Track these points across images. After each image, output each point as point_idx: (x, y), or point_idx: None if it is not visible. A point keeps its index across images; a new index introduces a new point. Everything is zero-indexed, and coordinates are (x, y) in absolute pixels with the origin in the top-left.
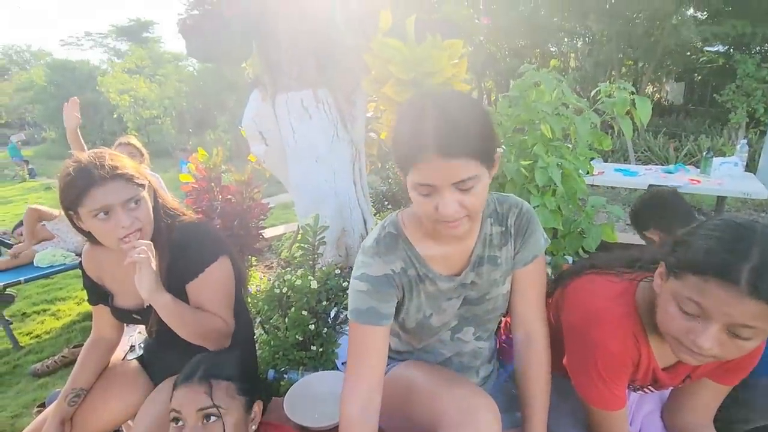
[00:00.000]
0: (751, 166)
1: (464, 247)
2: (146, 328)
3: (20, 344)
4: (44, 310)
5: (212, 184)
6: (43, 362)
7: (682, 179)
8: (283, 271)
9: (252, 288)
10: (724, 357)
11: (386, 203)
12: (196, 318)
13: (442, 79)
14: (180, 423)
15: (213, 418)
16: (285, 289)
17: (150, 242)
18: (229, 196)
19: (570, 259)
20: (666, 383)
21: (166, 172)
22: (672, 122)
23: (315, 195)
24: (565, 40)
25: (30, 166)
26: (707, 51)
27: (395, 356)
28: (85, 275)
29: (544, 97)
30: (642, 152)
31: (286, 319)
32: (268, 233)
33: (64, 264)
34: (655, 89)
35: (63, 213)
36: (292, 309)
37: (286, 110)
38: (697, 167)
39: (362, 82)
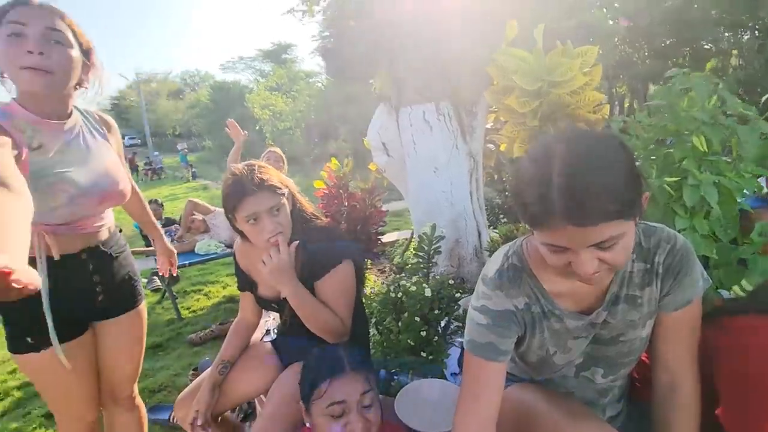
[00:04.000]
0: None
1: (598, 284)
2: (280, 316)
3: (182, 316)
4: (199, 290)
5: (341, 191)
6: (197, 333)
7: None
8: (398, 276)
9: (366, 290)
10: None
11: (501, 216)
12: (318, 312)
13: (572, 89)
14: (342, 417)
15: (370, 409)
16: (400, 294)
17: (286, 247)
18: (354, 203)
19: (725, 293)
20: None
21: (294, 177)
22: None
23: (431, 205)
24: (726, 34)
25: (193, 169)
26: None
27: (511, 378)
28: (236, 265)
29: (694, 105)
30: None
31: (399, 323)
32: (385, 239)
33: (217, 253)
34: None
35: (216, 210)
36: (406, 314)
37: (409, 123)
38: None
39: (485, 94)
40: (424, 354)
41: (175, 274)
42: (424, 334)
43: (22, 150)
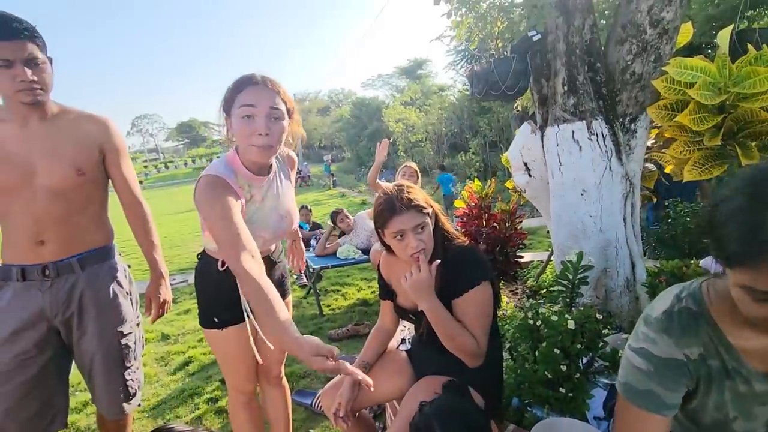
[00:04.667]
0: None
1: None
2: (416, 328)
3: (323, 313)
4: (337, 290)
5: (482, 211)
6: (336, 330)
7: None
8: (536, 302)
9: (499, 312)
10: None
11: (660, 247)
12: (454, 330)
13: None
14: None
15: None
16: (539, 323)
17: (426, 264)
18: (494, 224)
19: None
20: None
21: (423, 188)
22: None
23: (576, 229)
24: None
25: (334, 178)
26: None
27: None
28: (379, 275)
29: None
30: None
31: (537, 353)
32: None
33: (354, 258)
34: None
35: (357, 216)
36: (544, 344)
37: (555, 142)
38: None
39: (648, 110)
40: (563, 390)
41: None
42: (564, 368)
43: (243, 205)
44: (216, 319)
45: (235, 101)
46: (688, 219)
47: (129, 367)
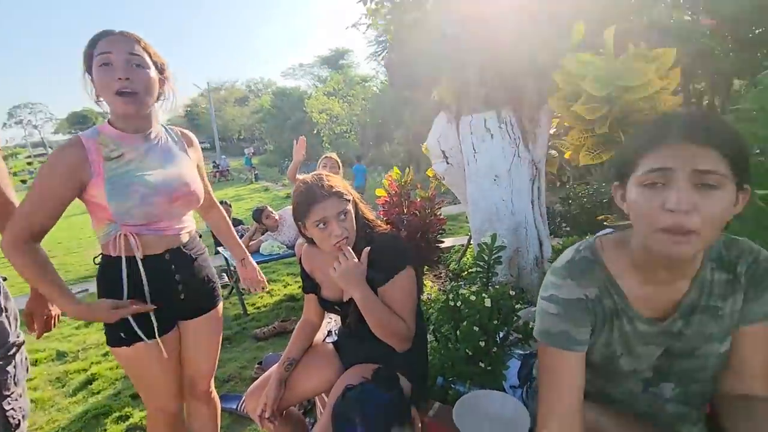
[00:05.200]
0: None
1: (674, 290)
2: (342, 319)
3: (247, 312)
4: (262, 288)
5: (402, 199)
6: (262, 329)
7: None
8: (457, 284)
9: (423, 296)
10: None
11: (564, 225)
12: (385, 315)
13: (646, 94)
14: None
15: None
16: (459, 303)
17: (351, 251)
18: (415, 211)
19: None
20: None
21: (347, 180)
22: None
23: (491, 213)
24: None
25: (256, 171)
26: None
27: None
28: (302, 269)
29: None
30: None
31: (458, 332)
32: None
33: (279, 254)
34: None
35: (283, 211)
36: (464, 323)
37: (470, 131)
38: None
39: (549, 100)
40: (482, 364)
41: (266, 289)
42: (482, 344)
43: (94, 163)
44: (123, 335)
45: (93, 57)
46: (585, 199)
47: (8, 396)
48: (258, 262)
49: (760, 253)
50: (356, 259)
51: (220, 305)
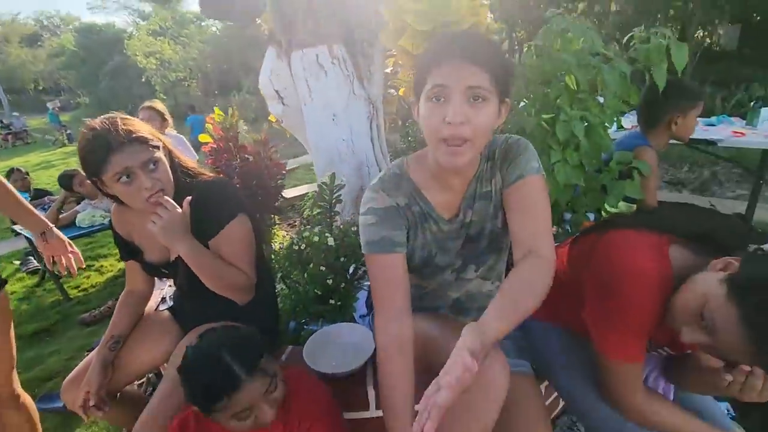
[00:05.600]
0: None
1: (460, 186)
2: (174, 281)
3: (69, 296)
4: (89, 266)
5: (230, 144)
6: (90, 312)
7: (725, 132)
8: (303, 228)
9: (275, 246)
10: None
11: None
12: (219, 267)
13: (462, 29)
14: (250, 413)
15: (273, 389)
16: (303, 246)
17: (173, 202)
18: (247, 156)
19: (592, 216)
20: (686, 345)
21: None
22: (722, 70)
23: (333, 154)
24: None
25: (68, 131)
26: None
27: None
28: (115, 233)
29: (571, 46)
30: None
31: (306, 275)
32: (291, 193)
33: (103, 224)
34: (705, 34)
35: None
36: (311, 265)
37: (302, 67)
38: (744, 119)
39: (380, 36)
40: (332, 301)
41: (82, 267)
42: (330, 282)
43: None
44: None
45: None
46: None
47: None
48: (75, 237)
49: (510, 137)
50: (178, 209)
51: (2, 292)
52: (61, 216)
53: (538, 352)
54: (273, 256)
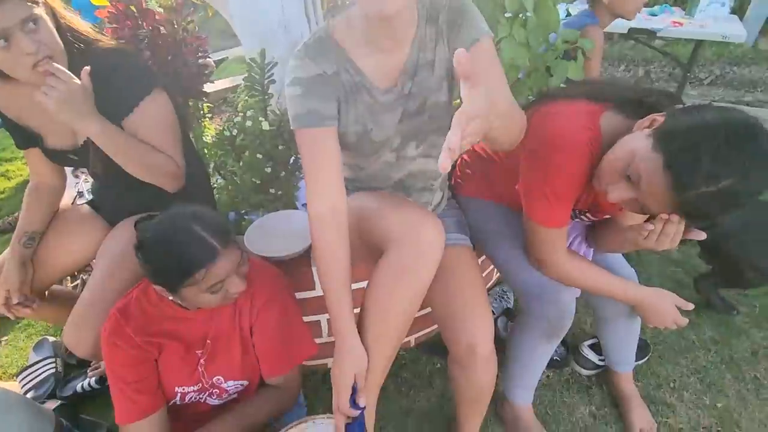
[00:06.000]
0: (739, 14)
1: (400, 54)
2: (89, 170)
3: None
4: None
5: (131, 7)
6: (4, 219)
7: (665, 21)
8: (233, 113)
9: (207, 139)
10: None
11: None
12: (139, 149)
13: None
14: (222, 286)
15: (244, 261)
16: (236, 132)
17: (66, 70)
18: (157, 25)
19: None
20: (605, 208)
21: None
22: None
23: (264, 32)
24: None
25: None
26: None
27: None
28: (3, 116)
29: None
30: None
31: (241, 164)
32: (223, 84)
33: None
34: None
35: None
36: (246, 153)
37: None
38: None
39: None
40: (272, 191)
41: None
42: (269, 170)
43: None
44: None
45: None
46: None
47: None
48: None
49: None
50: (76, 80)
51: None
52: None
53: (476, 227)
54: (205, 150)
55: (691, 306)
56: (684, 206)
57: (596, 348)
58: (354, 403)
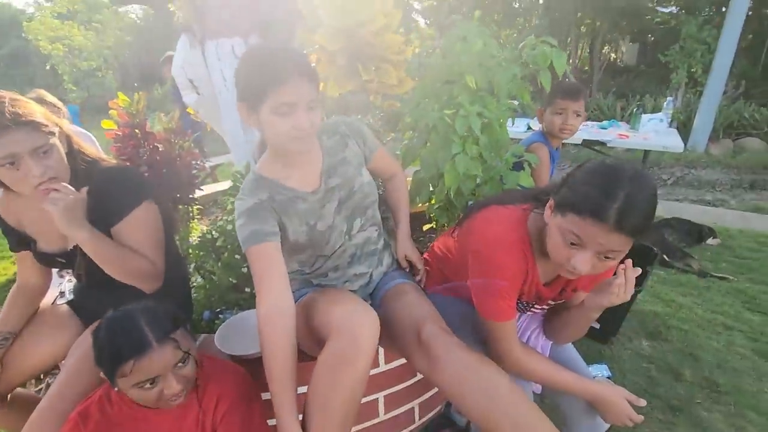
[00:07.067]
0: (688, 125)
1: (315, 164)
2: (74, 272)
3: None
4: None
5: (136, 130)
6: None
7: (613, 134)
8: (216, 218)
9: (193, 239)
10: (594, 273)
11: None
12: (121, 255)
13: (375, 29)
14: (155, 385)
15: (186, 365)
16: (217, 235)
17: (69, 187)
18: (156, 144)
19: None
20: (546, 296)
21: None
22: (623, 82)
23: (250, 144)
24: None
25: None
26: (661, 12)
27: (320, 281)
28: (2, 222)
29: (472, 49)
30: (592, 111)
31: (220, 264)
32: (214, 188)
33: None
34: (611, 49)
35: None
36: (225, 254)
37: (217, 57)
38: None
39: (297, 32)
40: (248, 290)
41: None
42: (245, 270)
43: None
44: None
45: None
46: None
47: None
48: None
49: (344, 118)
50: (76, 194)
51: None
52: None
53: None
54: (189, 250)
55: (643, 402)
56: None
57: None
58: None
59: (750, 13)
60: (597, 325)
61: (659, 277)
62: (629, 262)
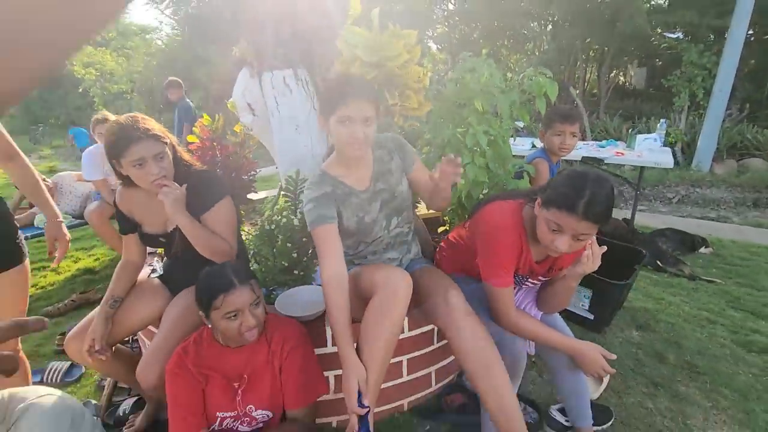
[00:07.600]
0: (692, 146)
1: (367, 169)
2: (167, 250)
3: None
4: (44, 267)
5: (214, 143)
6: (55, 305)
7: (610, 152)
8: (271, 213)
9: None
10: (571, 251)
11: None
12: (209, 236)
13: (400, 62)
14: (237, 317)
15: (258, 306)
16: (273, 226)
17: (175, 184)
18: (228, 154)
19: None
20: (538, 271)
21: None
22: (631, 105)
23: (295, 157)
24: (532, 24)
25: None
26: (668, 37)
27: (360, 261)
28: (118, 210)
29: (481, 79)
30: (598, 132)
31: (274, 250)
32: (253, 196)
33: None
34: (619, 73)
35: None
36: (279, 242)
37: (271, 86)
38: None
39: (336, 63)
40: (296, 272)
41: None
42: (295, 256)
43: None
44: None
45: None
46: None
47: None
48: (33, 236)
49: (388, 135)
50: (180, 189)
51: (26, 263)
52: (17, 217)
53: None
54: (246, 240)
55: (613, 356)
56: (588, 216)
57: (564, 412)
58: (361, 403)
59: (752, 39)
60: (592, 317)
61: (651, 280)
62: (594, 240)
